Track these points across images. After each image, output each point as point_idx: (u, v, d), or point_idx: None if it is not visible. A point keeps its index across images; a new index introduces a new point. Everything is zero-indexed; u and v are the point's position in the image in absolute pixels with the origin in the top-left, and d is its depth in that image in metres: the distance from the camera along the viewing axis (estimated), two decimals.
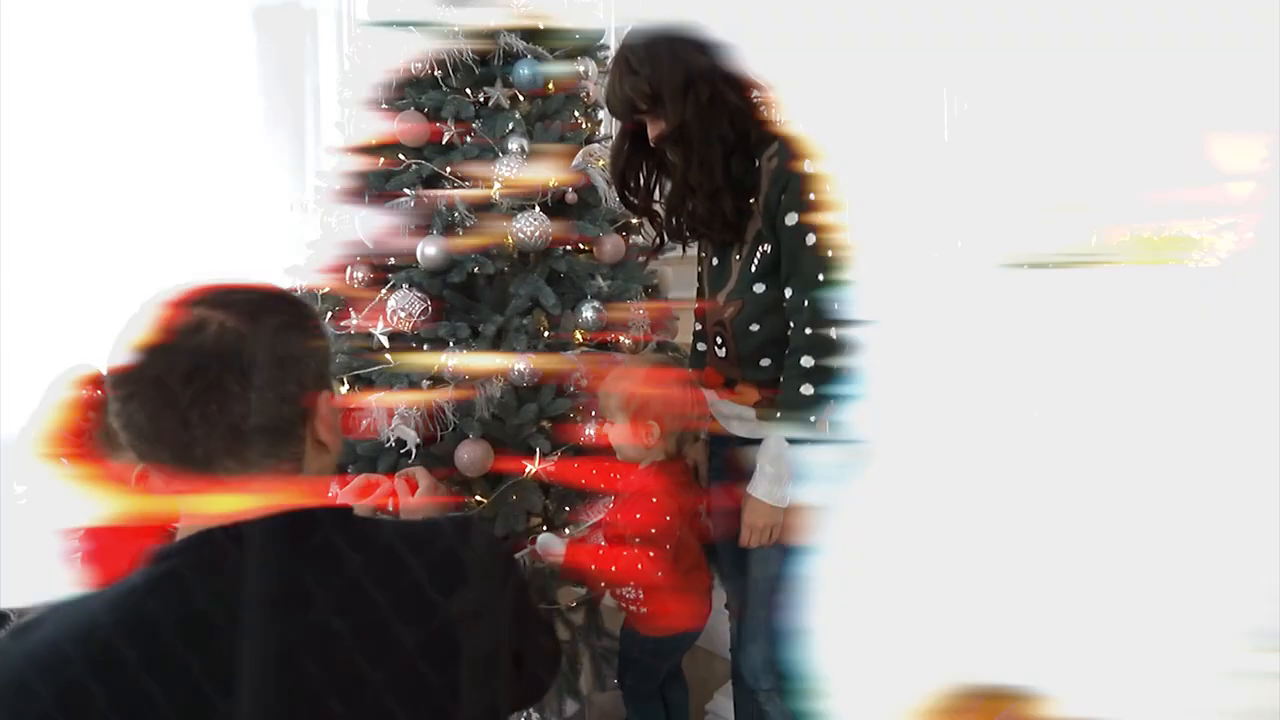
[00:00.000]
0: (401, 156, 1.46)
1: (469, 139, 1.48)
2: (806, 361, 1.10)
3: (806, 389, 1.10)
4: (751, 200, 1.19)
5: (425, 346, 1.40)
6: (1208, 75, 1.24)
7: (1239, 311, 1.03)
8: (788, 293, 1.13)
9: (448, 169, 1.45)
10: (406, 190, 1.44)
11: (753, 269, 1.19)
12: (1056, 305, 1.22)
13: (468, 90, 1.50)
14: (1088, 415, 1.21)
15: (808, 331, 1.10)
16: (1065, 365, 1.21)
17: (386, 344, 1.41)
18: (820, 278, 1.10)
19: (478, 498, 1.37)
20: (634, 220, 1.60)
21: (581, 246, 1.56)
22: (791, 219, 1.11)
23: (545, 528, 1.38)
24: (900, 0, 1.62)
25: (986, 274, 1.27)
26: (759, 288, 1.19)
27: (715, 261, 1.29)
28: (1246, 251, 1.08)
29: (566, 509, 1.44)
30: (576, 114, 1.59)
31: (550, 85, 1.54)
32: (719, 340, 1.27)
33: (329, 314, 1.51)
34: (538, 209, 1.42)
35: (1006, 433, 1.27)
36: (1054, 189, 1.34)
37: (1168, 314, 1.10)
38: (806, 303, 1.11)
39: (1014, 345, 1.26)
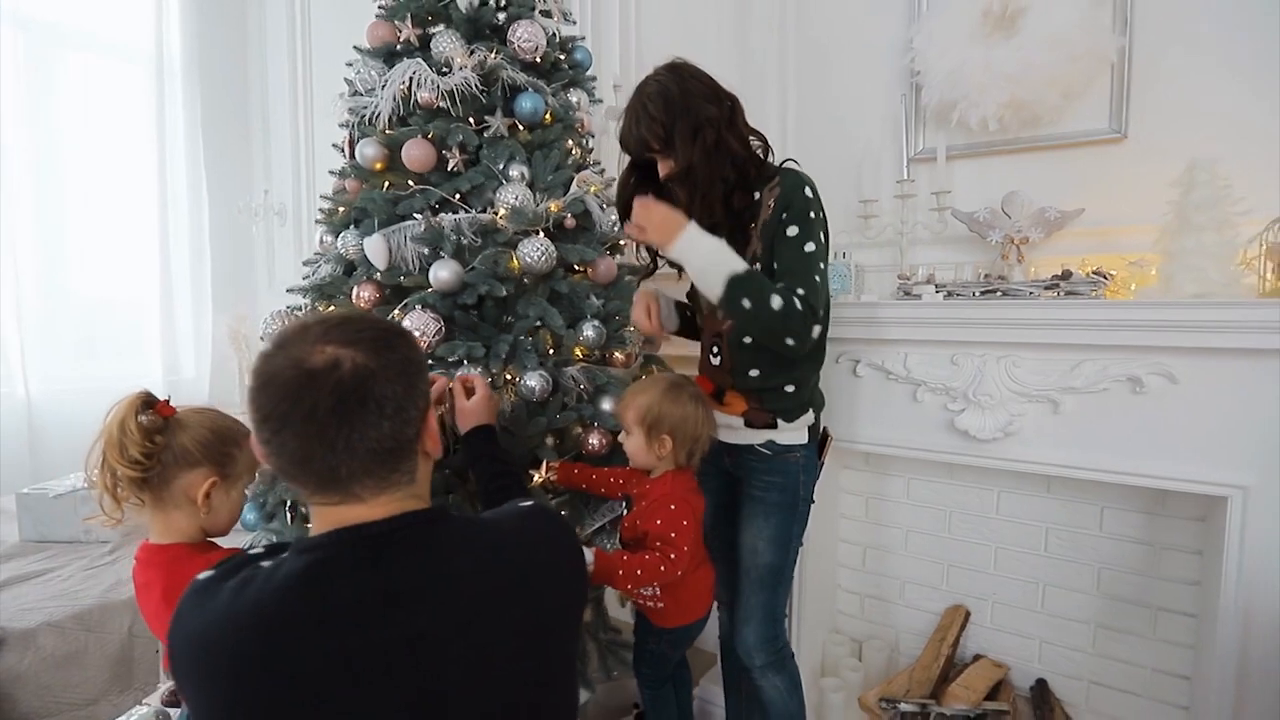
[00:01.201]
0: (411, 183, 1.52)
1: (474, 167, 1.55)
2: (797, 303, 1.18)
3: (778, 305, 1.17)
4: (751, 225, 1.31)
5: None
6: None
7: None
8: (779, 286, 1.21)
9: (456, 195, 1.52)
10: (416, 214, 1.50)
11: None
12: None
13: (470, 119, 1.56)
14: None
15: (799, 306, 1.18)
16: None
17: None
18: (816, 278, 1.23)
19: None
20: (621, 242, 1.72)
21: (576, 268, 1.66)
22: (792, 231, 1.24)
23: None
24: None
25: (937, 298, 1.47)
26: None
27: None
28: (1150, 287, 1.32)
29: (564, 512, 1.54)
30: (570, 142, 1.69)
31: (548, 116, 1.63)
32: (714, 350, 1.41)
33: None
34: (542, 234, 1.51)
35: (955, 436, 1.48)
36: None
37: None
38: (801, 290, 1.19)
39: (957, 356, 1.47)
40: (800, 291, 1.20)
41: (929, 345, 1.51)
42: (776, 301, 1.18)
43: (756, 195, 1.32)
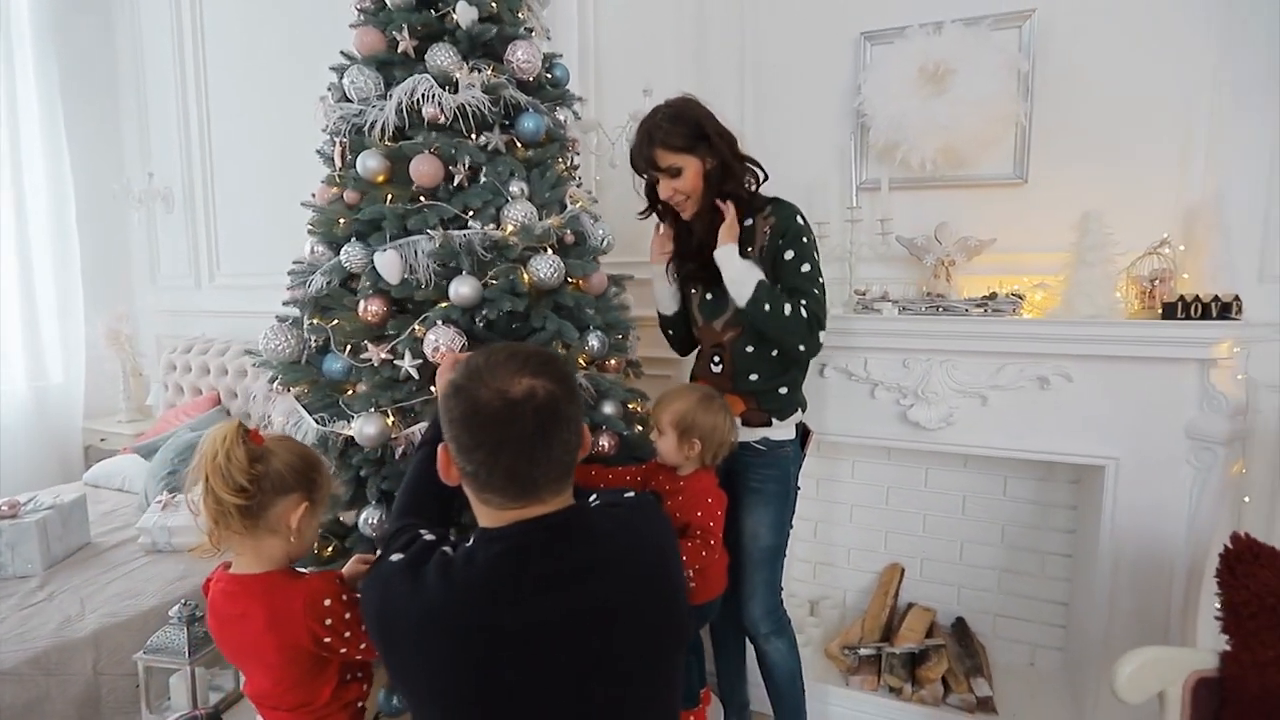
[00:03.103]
0: (422, 198, 1.54)
1: (475, 183, 1.59)
2: (804, 313, 1.45)
3: (789, 311, 1.44)
4: (749, 249, 1.52)
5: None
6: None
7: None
8: (789, 298, 1.47)
9: (469, 212, 1.56)
10: (430, 230, 1.52)
11: None
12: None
13: (472, 136, 1.60)
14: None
15: (803, 314, 1.45)
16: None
17: (416, 375, 1.51)
18: (816, 292, 1.48)
19: None
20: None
21: (569, 280, 1.76)
22: (789, 255, 1.48)
23: None
24: None
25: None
26: None
27: (709, 296, 1.61)
28: (1053, 308, 1.69)
29: None
30: (561, 160, 1.77)
31: (545, 134, 1.71)
32: (716, 359, 1.61)
33: (347, 346, 1.55)
34: (550, 251, 1.59)
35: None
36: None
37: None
38: (804, 301, 1.46)
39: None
40: (804, 302, 1.45)
41: (885, 351, 1.80)
42: (788, 308, 1.44)
43: (749, 221, 1.53)
